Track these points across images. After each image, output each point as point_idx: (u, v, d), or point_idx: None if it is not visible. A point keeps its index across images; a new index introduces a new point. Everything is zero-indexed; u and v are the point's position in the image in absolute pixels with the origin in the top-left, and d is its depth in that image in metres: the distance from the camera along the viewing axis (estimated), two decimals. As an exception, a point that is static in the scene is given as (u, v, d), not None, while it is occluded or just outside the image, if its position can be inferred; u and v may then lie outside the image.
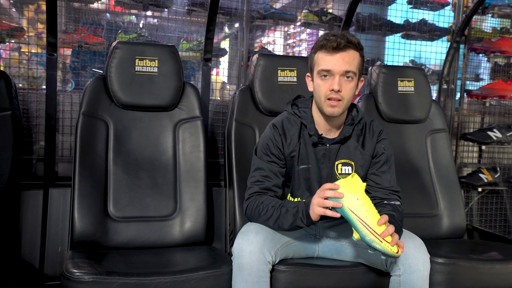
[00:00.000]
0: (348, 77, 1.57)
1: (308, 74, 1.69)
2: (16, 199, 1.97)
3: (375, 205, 1.54)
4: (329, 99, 1.57)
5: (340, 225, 1.74)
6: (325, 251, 1.74)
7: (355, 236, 1.43)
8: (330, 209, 1.44)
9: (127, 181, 1.93)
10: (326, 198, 1.44)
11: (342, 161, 1.68)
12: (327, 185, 1.45)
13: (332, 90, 1.55)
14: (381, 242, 1.38)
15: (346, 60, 1.55)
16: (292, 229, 1.58)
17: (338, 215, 1.44)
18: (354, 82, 1.59)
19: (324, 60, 1.56)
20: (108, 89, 1.99)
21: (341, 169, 1.68)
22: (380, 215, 1.43)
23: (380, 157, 1.71)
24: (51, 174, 2.18)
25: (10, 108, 1.93)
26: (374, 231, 1.38)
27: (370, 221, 1.39)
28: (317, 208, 1.46)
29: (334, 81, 1.55)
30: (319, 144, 1.66)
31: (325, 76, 1.57)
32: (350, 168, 1.68)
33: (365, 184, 1.47)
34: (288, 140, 1.67)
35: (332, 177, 1.66)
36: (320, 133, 1.67)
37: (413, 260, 1.54)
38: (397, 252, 1.39)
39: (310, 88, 1.68)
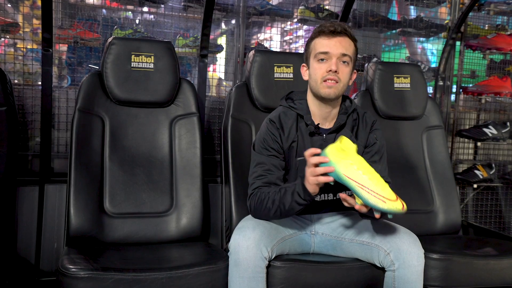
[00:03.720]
0: (344, 61, 1.61)
1: (303, 64, 1.72)
2: (11, 195, 1.96)
3: None
4: (325, 81, 1.60)
5: (336, 221, 1.75)
6: (321, 247, 1.75)
7: (358, 201, 1.40)
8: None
9: (123, 177, 1.93)
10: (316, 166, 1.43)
11: None
12: (310, 150, 1.44)
13: (330, 71, 1.59)
14: (385, 202, 1.36)
15: (343, 44, 1.61)
16: (292, 208, 1.55)
17: (331, 179, 1.42)
18: (350, 68, 1.64)
19: (322, 44, 1.62)
20: (104, 85, 1.99)
21: None
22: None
23: (372, 147, 1.73)
24: (46, 170, 2.17)
25: (5, 104, 1.92)
26: (375, 192, 1.36)
27: (368, 183, 1.37)
28: (311, 179, 1.45)
29: (331, 62, 1.59)
30: (316, 134, 1.68)
31: (322, 60, 1.61)
32: None
33: (355, 145, 1.47)
34: (286, 133, 1.69)
35: None
36: (316, 123, 1.69)
37: (408, 255, 1.54)
38: (402, 208, 1.37)
39: (305, 77, 1.71)
